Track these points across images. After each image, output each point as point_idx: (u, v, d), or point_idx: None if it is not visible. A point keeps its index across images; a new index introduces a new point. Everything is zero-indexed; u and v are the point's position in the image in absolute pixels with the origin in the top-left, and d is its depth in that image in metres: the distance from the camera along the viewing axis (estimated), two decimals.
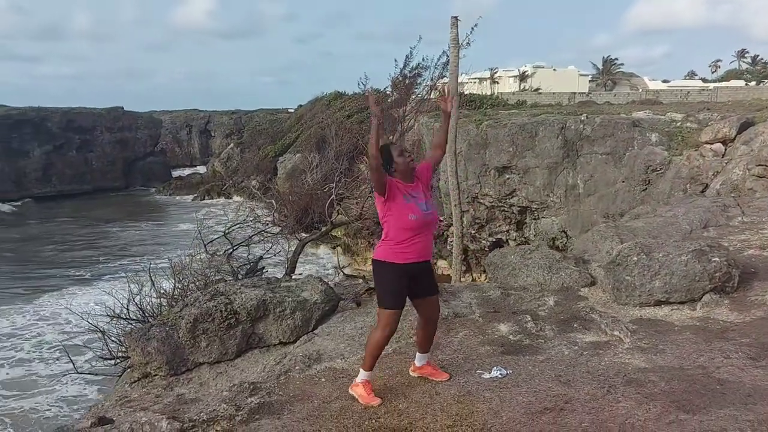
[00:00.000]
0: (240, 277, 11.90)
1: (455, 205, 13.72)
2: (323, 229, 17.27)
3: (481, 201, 23.30)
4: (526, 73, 64.70)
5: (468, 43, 21.50)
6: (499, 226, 23.64)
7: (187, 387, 4.97)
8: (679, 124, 19.26)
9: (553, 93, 46.29)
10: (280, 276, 12.21)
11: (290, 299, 5.67)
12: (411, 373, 4.39)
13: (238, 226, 15.61)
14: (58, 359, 15.81)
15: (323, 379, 4.43)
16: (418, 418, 3.79)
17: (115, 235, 33.03)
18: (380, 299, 4.07)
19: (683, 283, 5.44)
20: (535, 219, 22.71)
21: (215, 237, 13.95)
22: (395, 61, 21.95)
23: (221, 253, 13.66)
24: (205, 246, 13.52)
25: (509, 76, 65.89)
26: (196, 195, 41.06)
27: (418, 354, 4.37)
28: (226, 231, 14.47)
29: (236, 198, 37.58)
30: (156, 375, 5.15)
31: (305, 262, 23.52)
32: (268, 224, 18.28)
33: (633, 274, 5.60)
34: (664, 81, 68.39)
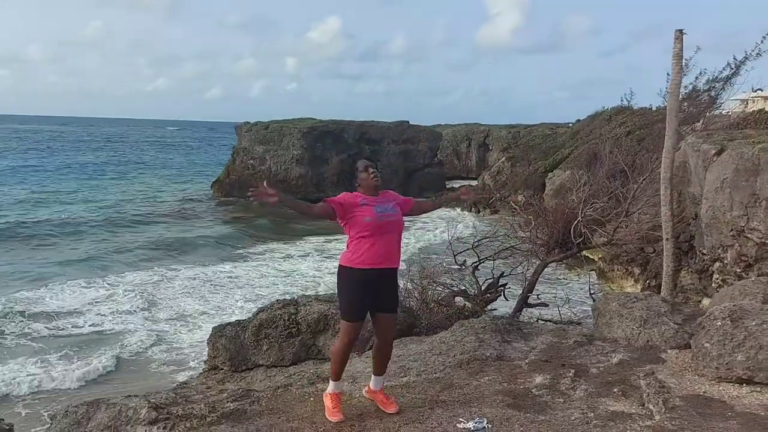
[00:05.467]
0: (482, 290, 12.42)
1: (667, 239, 12.27)
2: (567, 252, 16.75)
3: (749, 236, 19.94)
4: None
5: (758, 54, 19.06)
6: None
7: (237, 384, 5.58)
8: None
9: None
10: (517, 293, 12.49)
11: None
12: (363, 394, 4.43)
13: (487, 239, 16.01)
14: None
15: (312, 399, 4.64)
16: None
17: None
18: (341, 309, 4.22)
19: None
20: None
21: (465, 249, 14.46)
22: (667, 75, 20.42)
23: (469, 264, 14.22)
24: (454, 256, 14.20)
25: None
26: (463, 207, 42.34)
27: (373, 376, 4.35)
28: (475, 244, 14.96)
29: (495, 214, 37.99)
30: (221, 369, 5.86)
31: (555, 285, 22.89)
32: (524, 240, 18.29)
33: (712, 342, 4.67)
34: None
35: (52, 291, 19.05)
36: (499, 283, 13.61)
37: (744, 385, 4.54)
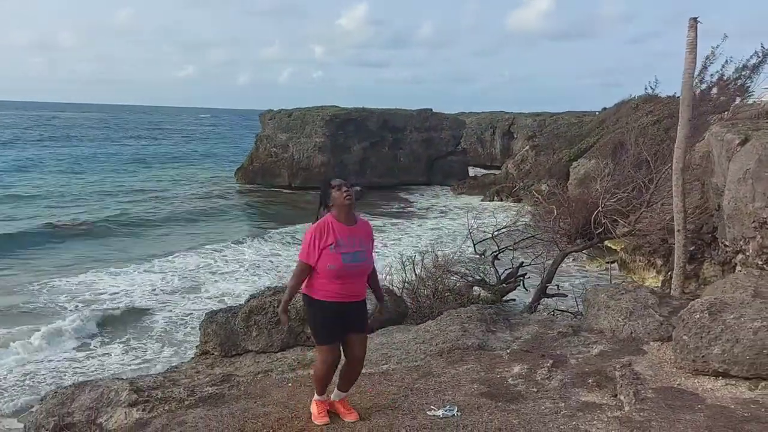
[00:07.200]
0: (501, 279, 12.38)
1: (678, 231, 12.12)
2: (587, 242, 16.57)
3: None
4: None
5: None
6: None
7: (226, 369, 5.71)
8: None
9: None
10: (536, 284, 12.43)
11: None
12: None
13: (506, 228, 15.90)
14: None
15: (290, 384, 4.76)
16: None
17: (399, 227, 35.65)
18: (313, 335, 4.14)
19: (747, 354, 4.37)
20: None
21: (485, 238, 14.35)
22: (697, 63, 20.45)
23: (488, 254, 14.19)
24: (474, 246, 14.18)
25: None
26: (484, 196, 41.93)
27: (335, 389, 4.17)
28: (494, 233, 14.90)
29: (518, 203, 37.68)
30: (212, 354, 6.01)
31: (575, 275, 22.68)
32: (545, 230, 18.06)
33: (690, 334, 4.66)
34: None
35: (103, 277, 19.33)
36: (519, 273, 13.52)
37: (720, 378, 4.53)
